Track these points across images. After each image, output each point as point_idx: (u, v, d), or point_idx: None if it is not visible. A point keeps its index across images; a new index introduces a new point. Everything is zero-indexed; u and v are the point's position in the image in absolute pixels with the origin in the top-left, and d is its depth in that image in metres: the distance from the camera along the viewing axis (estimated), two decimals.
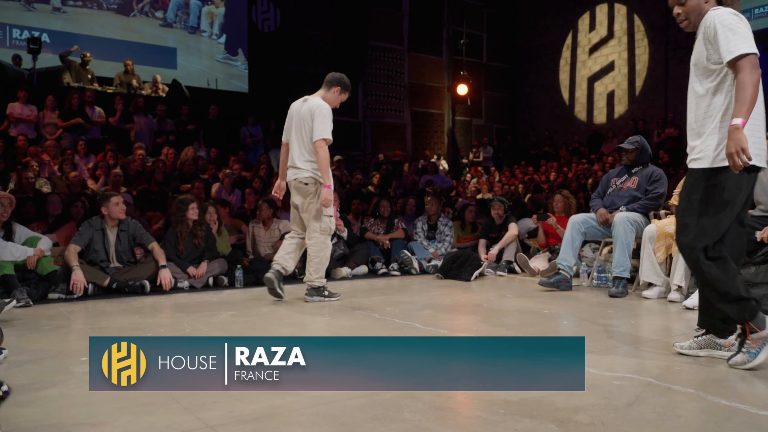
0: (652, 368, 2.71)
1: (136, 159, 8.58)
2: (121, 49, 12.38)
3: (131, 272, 5.31)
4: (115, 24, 12.79)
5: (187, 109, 10.68)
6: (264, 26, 14.29)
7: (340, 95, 4.78)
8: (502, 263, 6.69)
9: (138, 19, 13.15)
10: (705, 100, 2.68)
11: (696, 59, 2.72)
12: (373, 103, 15.74)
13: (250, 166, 9.86)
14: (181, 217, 5.72)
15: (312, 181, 4.59)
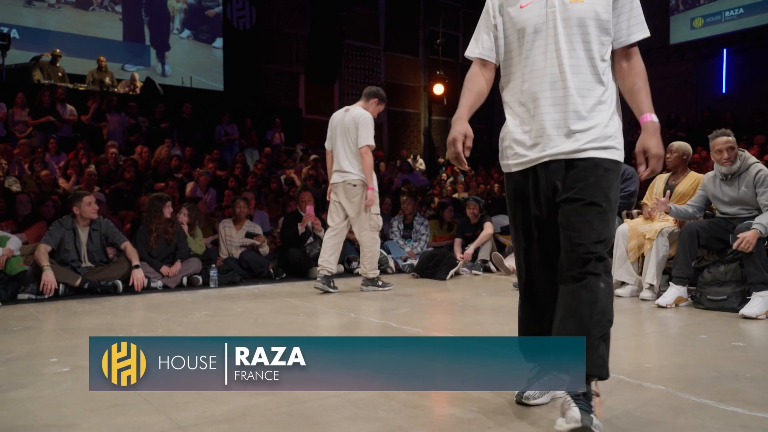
0: (624, 365, 2.74)
1: (109, 157, 8.45)
2: (93, 45, 12.17)
3: (103, 272, 5.24)
4: (75, 19, 12.50)
5: (161, 107, 10.56)
6: (239, 24, 14.17)
7: (377, 106, 5.30)
8: (477, 262, 6.73)
9: (97, 14, 12.83)
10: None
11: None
12: (348, 102, 15.58)
13: (226, 165, 9.78)
14: (156, 214, 5.65)
15: (359, 183, 5.09)
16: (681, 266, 4.42)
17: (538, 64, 2.03)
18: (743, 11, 13.25)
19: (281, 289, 5.59)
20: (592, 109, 1.99)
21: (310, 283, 5.92)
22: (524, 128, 2.08)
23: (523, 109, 2.09)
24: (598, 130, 1.98)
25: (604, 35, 2.00)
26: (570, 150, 1.98)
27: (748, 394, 2.34)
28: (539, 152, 2.03)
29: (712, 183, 4.47)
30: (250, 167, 9.90)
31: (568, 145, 1.98)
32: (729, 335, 3.48)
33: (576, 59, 1.98)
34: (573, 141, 1.98)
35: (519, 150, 2.10)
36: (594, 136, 1.98)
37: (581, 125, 1.98)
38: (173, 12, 13.70)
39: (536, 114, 2.03)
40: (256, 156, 10.72)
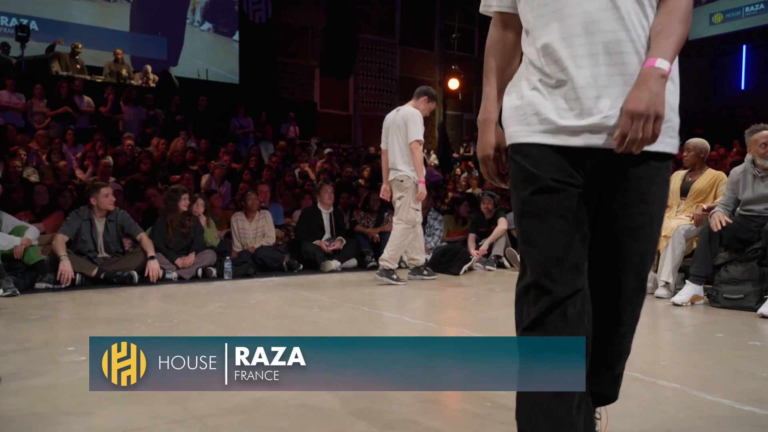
0: (639, 363, 2.72)
1: (125, 149, 8.51)
2: (110, 38, 12.25)
3: (119, 262, 5.28)
4: (96, 11, 12.58)
5: (177, 99, 10.60)
6: (255, 17, 14.20)
7: (428, 104, 5.48)
8: (491, 257, 6.71)
9: (119, 5, 12.92)
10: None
11: None
12: (363, 96, 15.70)
13: (240, 158, 9.81)
14: (173, 207, 5.69)
15: (407, 179, 5.28)
16: (700, 264, 4.38)
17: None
18: (764, 7, 13.07)
19: (295, 281, 5.61)
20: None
21: (323, 277, 5.95)
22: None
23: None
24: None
25: None
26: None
27: (764, 394, 2.31)
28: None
29: (741, 179, 4.41)
30: (265, 160, 9.92)
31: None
32: (746, 334, 3.44)
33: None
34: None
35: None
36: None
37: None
38: (194, 4, 13.75)
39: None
40: (270, 149, 10.75)
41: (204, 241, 5.91)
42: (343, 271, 6.37)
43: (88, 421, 2.02)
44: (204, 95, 10.98)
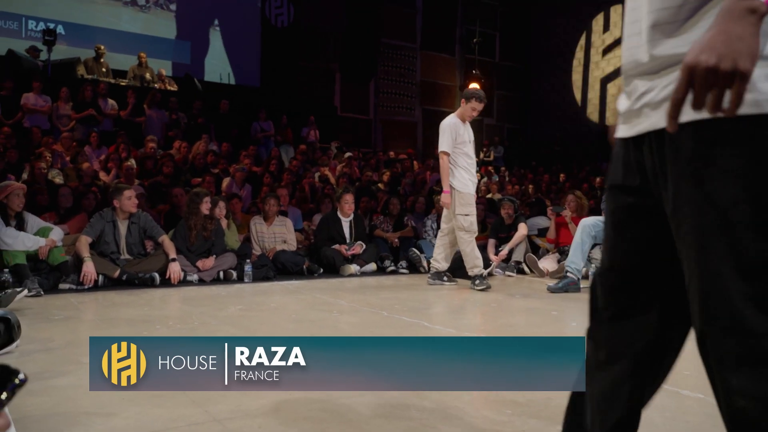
0: (688, 380, 2.68)
1: (148, 152, 8.61)
2: (135, 42, 12.42)
3: (141, 264, 5.34)
4: (128, 15, 12.79)
5: (199, 103, 10.71)
6: (277, 21, 14.30)
7: (471, 104, 5.44)
8: (511, 263, 6.68)
9: (153, 11, 13.13)
10: None
11: None
12: (384, 100, 15.73)
13: (261, 161, 9.88)
14: (195, 210, 5.74)
15: (450, 189, 5.39)
16: None
17: None
18: None
19: (314, 285, 5.63)
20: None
21: (342, 281, 5.96)
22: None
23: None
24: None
25: None
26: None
27: None
28: None
29: None
30: (285, 164, 9.98)
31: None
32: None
33: None
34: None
35: None
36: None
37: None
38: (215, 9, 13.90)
39: None
40: (291, 153, 10.81)
41: (225, 244, 5.95)
42: (362, 276, 6.38)
43: (111, 422, 2.04)
44: (226, 99, 11.08)
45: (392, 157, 13.00)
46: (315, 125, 12.16)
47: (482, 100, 5.47)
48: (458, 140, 5.38)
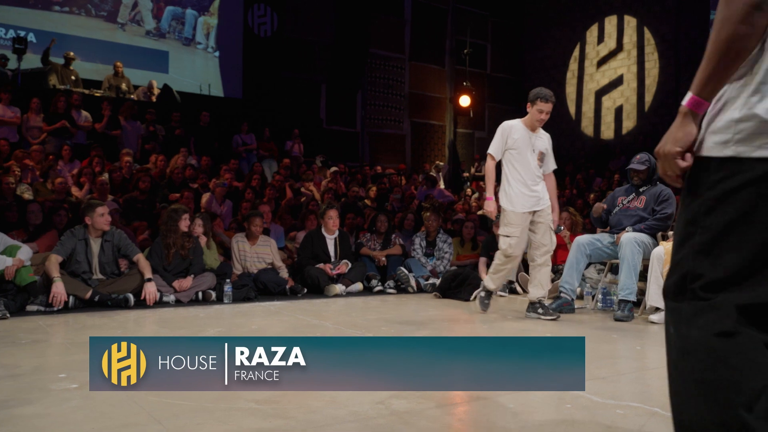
0: (659, 397, 2.69)
1: (123, 166, 8.58)
2: (110, 51, 12.42)
3: (115, 285, 5.29)
4: (103, 29, 12.81)
5: (177, 115, 10.70)
6: (260, 31, 14.37)
7: (536, 107, 4.94)
8: (503, 283, 6.69)
9: (129, 27, 13.15)
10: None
11: None
12: (372, 113, 15.80)
13: (243, 176, 9.87)
14: (173, 227, 5.71)
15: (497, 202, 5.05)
16: None
17: None
18: None
19: (298, 306, 5.60)
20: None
21: (327, 302, 5.94)
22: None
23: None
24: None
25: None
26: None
27: None
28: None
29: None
30: (268, 178, 9.97)
31: None
32: None
33: None
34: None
35: None
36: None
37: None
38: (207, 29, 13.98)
39: None
40: (274, 167, 10.81)
41: (203, 263, 5.92)
42: (348, 296, 6.36)
43: None
44: (206, 110, 11.08)
45: (380, 172, 13.04)
46: (299, 138, 12.18)
47: (548, 99, 4.90)
48: (512, 145, 4.92)
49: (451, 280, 6.36)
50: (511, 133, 4.94)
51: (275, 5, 14.42)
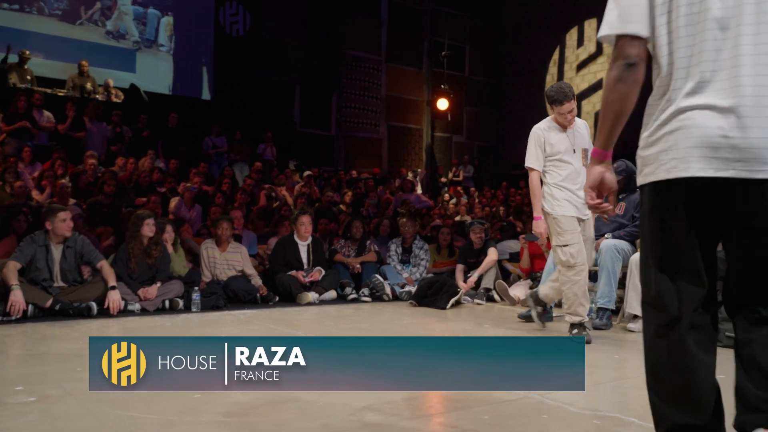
0: (636, 407, 2.72)
1: (87, 169, 8.46)
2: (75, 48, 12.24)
3: (77, 293, 5.20)
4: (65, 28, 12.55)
5: (145, 116, 10.60)
6: (232, 30, 14.29)
7: (557, 110, 4.43)
8: (480, 291, 6.71)
9: (85, 28, 12.83)
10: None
11: None
12: (347, 115, 15.80)
13: (213, 180, 9.80)
14: (136, 233, 5.64)
15: (542, 214, 4.49)
16: None
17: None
18: None
19: (269, 314, 5.57)
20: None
21: (299, 310, 5.92)
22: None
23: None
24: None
25: None
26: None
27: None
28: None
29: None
30: (239, 183, 9.91)
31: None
32: None
33: None
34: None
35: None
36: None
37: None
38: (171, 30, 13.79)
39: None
40: (245, 171, 10.75)
41: (170, 270, 5.86)
42: (321, 304, 6.33)
43: None
44: (175, 112, 10.99)
45: (355, 177, 13.04)
46: (272, 141, 12.13)
47: (562, 101, 4.37)
48: (552, 153, 4.41)
49: (428, 287, 6.37)
50: (548, 139, 4.42)
51: (248, 4, 14.35)
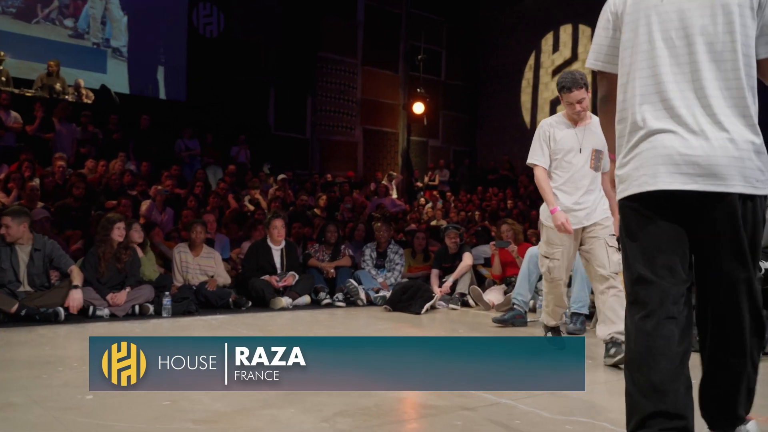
0: (607, 412, 2.76)
1: (56, 171, 8.35)
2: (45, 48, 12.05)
3: (44, 297, 5.12)
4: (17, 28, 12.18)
5: (116, 118, 10.49)
6: (206, 31, 14.20)
7: (565, 98, 3.98)
8: (455, 296, 6.74)
9: (42, 27, 12.49)
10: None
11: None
12: (322, 119, 15.77)
13: (185, 183, 9.72)
14: (105, 237, 5.58)
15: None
16: None
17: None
18: None
19: (241, 320, 5.54)
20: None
21: (273, 315, 5.90)
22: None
23: None
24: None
25: None
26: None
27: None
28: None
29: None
30: (212, 186, 9.85)
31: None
32: None
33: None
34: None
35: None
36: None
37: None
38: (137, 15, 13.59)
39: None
40: (219, 174, 10.69)
41: (140, 274, 5.80)
42: (294, 309, 6.31)
43: None
44: (146, 113, 10.89)
45: (330, 180, 13.03)
46: (246, 144, 12.07)
47: (570, 88, 3.89)
48: (554, 147, 4.02)
49: (402, 292, 6.38)
50: (553, 134, 4.04)
51: (222, 5, 14.27)
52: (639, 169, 1.91)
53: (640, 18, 1.96)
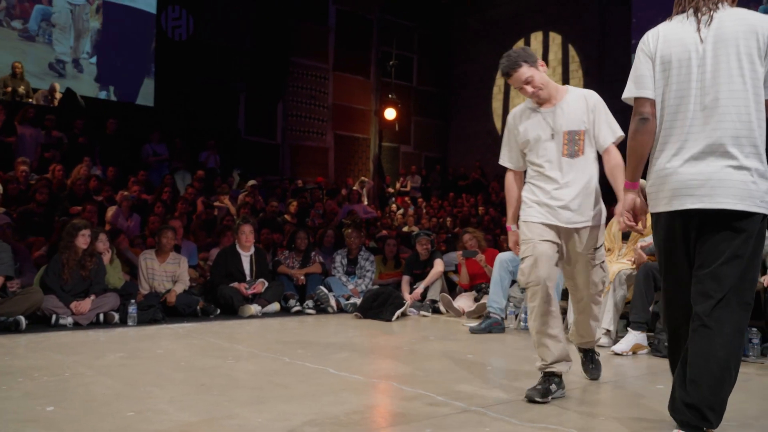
0: (576, 419, 2.78)
1: (19, 176, 8.21)
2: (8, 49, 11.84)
3: (3, 306, 5.02)
4: None
5: (81, 122, 10.34)
6: (174, 34, 14.07)
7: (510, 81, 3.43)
8: (426, 302, 6.76)
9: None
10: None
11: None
12: (293, 124, 15.72)
13: (153, 189, 9.61)
14: (70, 244, 5.49)
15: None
16: (638, 311, 4.54)
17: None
18: None
19: (209, 328, 5.48)
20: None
21: (241, 323, 5.85)
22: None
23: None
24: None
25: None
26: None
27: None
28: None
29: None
30: (180, 191, 9.76)
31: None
32: None
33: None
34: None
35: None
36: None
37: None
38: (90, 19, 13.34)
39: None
40: (187, 179, 10.59)
41: (105, 282, 5.72)
42: (263, 317, 6.27)
43: None
44: (113, 117, 10.76)
45: (300, 186, 12.99)
46: (215, 149, 11.99)
47: (507, 72, 3.37)
48: (522, 138, 3.38)
49: (373, 299, 6.38)
50: (516, 125, 3.43)
51: (191, 7, 14.15)
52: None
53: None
